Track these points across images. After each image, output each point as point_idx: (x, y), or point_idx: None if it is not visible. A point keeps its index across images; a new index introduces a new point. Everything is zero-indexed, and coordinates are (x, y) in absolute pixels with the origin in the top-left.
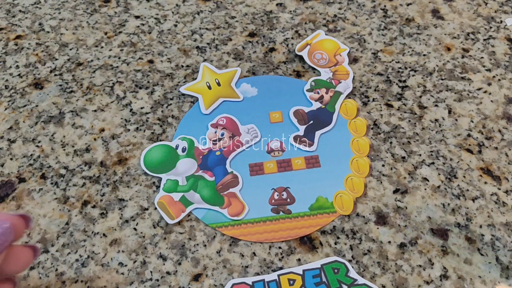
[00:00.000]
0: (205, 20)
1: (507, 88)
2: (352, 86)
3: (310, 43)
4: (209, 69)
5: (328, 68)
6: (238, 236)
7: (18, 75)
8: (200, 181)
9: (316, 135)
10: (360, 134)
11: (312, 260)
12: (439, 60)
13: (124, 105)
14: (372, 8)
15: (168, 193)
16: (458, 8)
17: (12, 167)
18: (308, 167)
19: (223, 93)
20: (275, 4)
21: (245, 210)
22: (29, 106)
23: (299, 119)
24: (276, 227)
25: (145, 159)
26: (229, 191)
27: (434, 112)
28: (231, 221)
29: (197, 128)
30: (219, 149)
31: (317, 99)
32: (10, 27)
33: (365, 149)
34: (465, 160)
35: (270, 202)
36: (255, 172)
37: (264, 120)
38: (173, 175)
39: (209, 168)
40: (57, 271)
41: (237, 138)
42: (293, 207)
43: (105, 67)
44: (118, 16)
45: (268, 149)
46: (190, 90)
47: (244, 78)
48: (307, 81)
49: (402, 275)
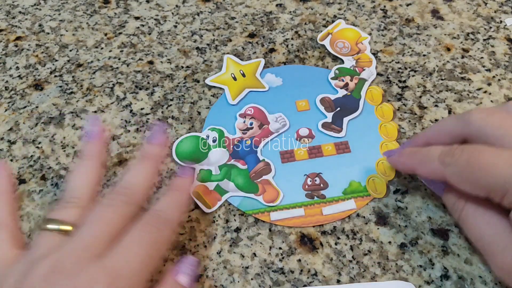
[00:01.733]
0: (205, 21)
1: (507, 88)
2: (376, 73)
3: (331, 32)
4: (233, 60)
5: (351, 56)
6: (275, 222)
7: (18, 76)
8: (233, 170)
9: (344, 121)
10: (388, 119)
11: (313, 261)
12: (439, 60)
13: (124, 106)
14: (372, 8)
15: (203, 182)
16: (457, 9)
17: (12, 168)
18: (338, 153)
19: (248, 84)
20: (274, 4)
21: (280, 196)
22: (29, 107)
23: (326, 107)
24: (311, 211)
25: (177, 151)
26: (262, 178)
27: (434, 112)
28: (267, 207)
29: (226, 119)
30: (249, 138)
31: (342, 87)
32: (10, 28)
33: (393, 133)
34: None
35: (304, 187)
36: (286, 159)
37: (291, 108)
38: (206, 165)
39: (241, 157)
40: None
41: (266, 127)
42: (326, 192)
43: (105, 68)
44: (118, 17)
45: (297, 137)
46: (215, 81)
47: (268, 69)
48: (330, 70)
49: (403, 275)
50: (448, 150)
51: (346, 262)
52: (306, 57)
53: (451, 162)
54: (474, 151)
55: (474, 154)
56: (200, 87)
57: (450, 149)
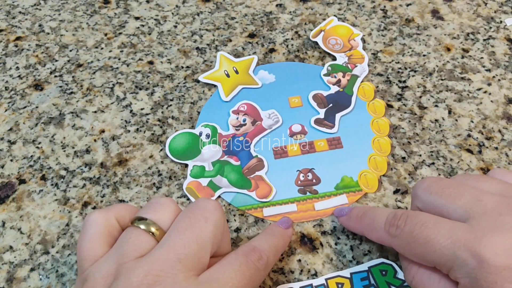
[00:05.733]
0: (205, 21)
1: (507, 88)
2: (368, 69)
3: (324, 29)
4: (226, 57)
5: (343, 53)
6: (268, 217)
7: (18, 76)
8: (226, 166)
9: (337, 117)
10: (380, 114)
11: (313, 261)
12: (439, 61)
13: (124, 106)
14: (372, 8)
15: (196, 178)
16: (457, 9)
17: (12, 168)
18: (331, 149)
19: (241, 81)
20: (274, 5)
21: (272, 192)
22: (29, 107)
23: (318, 103)
24: (304, 207)
25: (170, 147)
26: (255, 174)
27: (434, 113)
28: (259, 203)
29: (219, 115)
30: (242, 134)
31: (334, 83)
32: (10, 28)
33: (385, 129)
34: (465, 160)
35: (296, 183)
36: (279, 155)
37: (284, 105)
38: (199, 161)
39: (234, 153)
40: (57, 272)
41: (259, 123)
42: (319, 187)
43: (105, 68)
44: (118, 17)
45: (290, 133)
46: (208, 78)
47: (261, 65)
48: (323, 66)
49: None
50: (392, 218)
51: (346, 262)
52: (306, 57)
53: (395, 234)
54: (417, 222)
55: (417, 227)
56: (200, 87)
57: (394, 218)
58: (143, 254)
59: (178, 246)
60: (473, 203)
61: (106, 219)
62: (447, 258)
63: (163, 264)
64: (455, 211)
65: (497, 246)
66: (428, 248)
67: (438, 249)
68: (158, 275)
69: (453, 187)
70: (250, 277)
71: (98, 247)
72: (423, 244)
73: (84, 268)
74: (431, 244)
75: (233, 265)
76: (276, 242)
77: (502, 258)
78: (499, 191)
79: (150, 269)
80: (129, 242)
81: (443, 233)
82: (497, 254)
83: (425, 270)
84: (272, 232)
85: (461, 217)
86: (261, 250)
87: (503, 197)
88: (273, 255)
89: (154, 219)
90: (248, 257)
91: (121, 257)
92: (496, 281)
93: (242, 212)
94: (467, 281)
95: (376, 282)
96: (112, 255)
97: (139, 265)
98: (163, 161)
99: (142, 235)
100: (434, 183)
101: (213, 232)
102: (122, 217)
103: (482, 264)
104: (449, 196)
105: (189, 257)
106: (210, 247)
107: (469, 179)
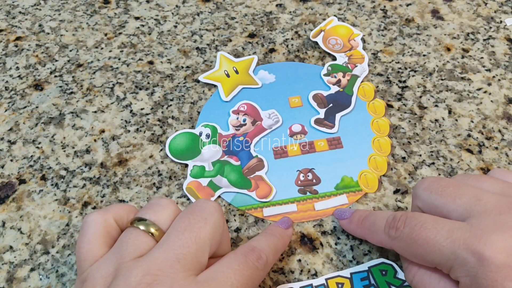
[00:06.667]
0: (205, 21)
1: (507, 88)
2: (368, 69)
3: (324, 29)
4: (226, 57)
5: (343, 53)
6: (268, 217)
7: (18, 76)
8: (226, 166)
9: (337, 117)
10: (380, 114)
11: (313, 261)
12: (439, 61)
13: (124, 106)
14: (372, 8)
15: (196, 178)
16: (457, 9)
17: (12, 168)
18: (331, 149)
19: (241, 81)
20: (274, 5)
21: (272, 192)
22: (29, 107)
23: (318, 103)
24: (304, 207)
25: (170, 147)
26: (255, 174)
27: (434, 112)
28: (259, 203)
29: (219, 115)
30: (242, 134)
31: (334, 83)
32: (10, 28)
33: (385, 129)
34: (466, 160)
35: (296, 183)
36: (279, 155)
37: (284, 105)
38: (199, 161)
39: (234, 153)
40: (57, 272)
41: (259, 123)
42: (319, 187)
43: (105, 68)
44: (118, 17)
45: (290, 133)
46: (208, 78)
47: (261, 65)
48: (323, 66)
49: None
50: (391, 221)
51: (346, 262)
52: (306, 57)
53: (395, 236)
54: (416, 224)
55: (416, 228)
56: (200, 87)
57: (394, 220)
58: (142, 254)
59: (177, 246)
60: (473, 202)
61: (104, 220)
62: (447, 257)
63: (162, 263)
64: (455, 210)
65: (497, 244)
66: (428, 249)
67: (438, 249)
68: (156, 274)
69: (453, 187)
70: (249, 277)
71: (97, 247)
72: (422, 245)
73: (83, 269)
74: (431, 244)
75: (232, 265)
76: (276, 242)
77: (502, 256)
78: (499, 191)
79: (149, 269)
80: (129, 242)
81: (443, 233)
82: (497, 252)
83: (426, 269)
84: (271, 232)
85: (461, 216)
86: (260, 250)
87: (503, 196)
88: (272, 255)
89: (153, 220)
90: (247, 256)
91: (120, 257)
92: (496, 279)
93: (242, 212)
94: (467, 279)
95: (376, 282)
96: (111, 255)
97: (138, 265)
98: (163, 161)
99: (142, 236)
100: (434, 182)
101: (212, 232)
102: (120, 218)
103: (482, 262)
104: (449, 195)
105: (187, 257)
106: (208, 247)
107: (469, 178)
